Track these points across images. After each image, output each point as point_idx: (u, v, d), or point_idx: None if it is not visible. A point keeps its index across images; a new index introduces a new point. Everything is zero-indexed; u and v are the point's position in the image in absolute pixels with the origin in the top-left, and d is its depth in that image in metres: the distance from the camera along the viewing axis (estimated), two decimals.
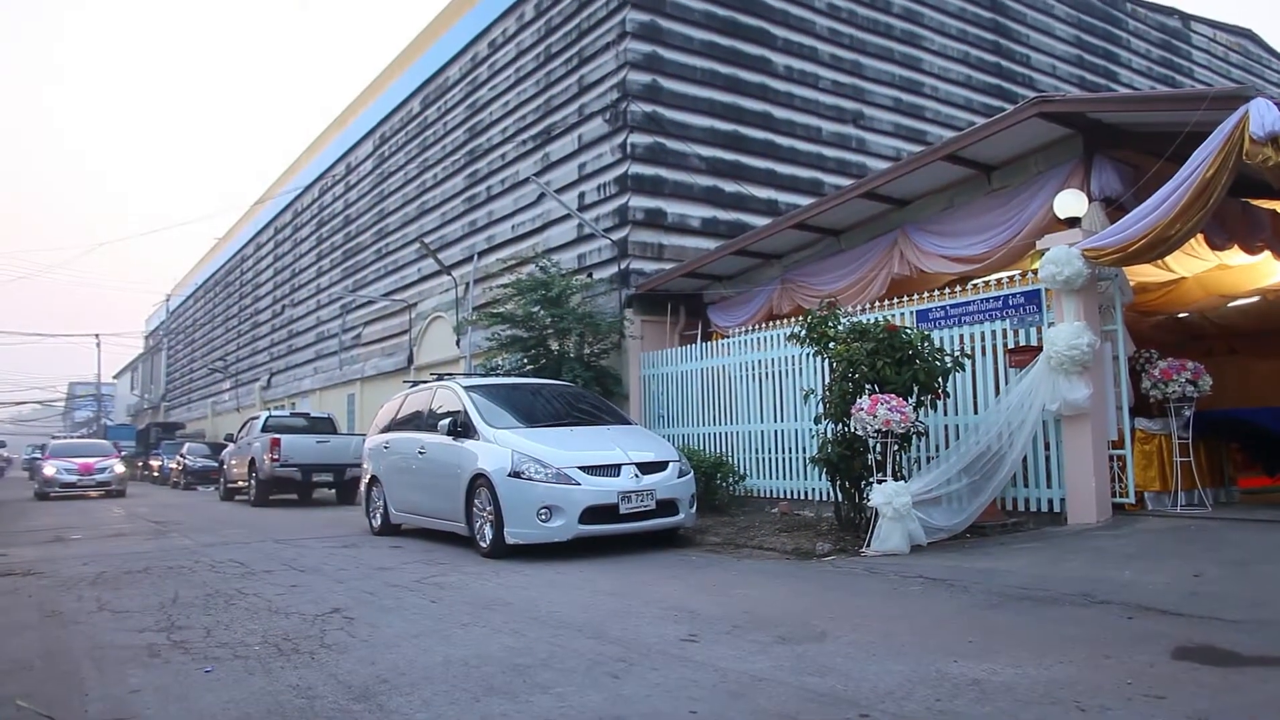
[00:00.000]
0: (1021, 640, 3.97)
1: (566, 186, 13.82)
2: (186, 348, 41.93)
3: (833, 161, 14.72)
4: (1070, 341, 7.00)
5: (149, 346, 50.17)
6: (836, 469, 7.44)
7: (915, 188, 9.32)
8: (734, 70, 13.77)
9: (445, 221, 17.74)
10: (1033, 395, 7.22)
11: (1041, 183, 8.18)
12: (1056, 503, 7.44)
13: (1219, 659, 3.57)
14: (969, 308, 8.28)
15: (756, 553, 7.19)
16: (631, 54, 12.82)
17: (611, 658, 3.90)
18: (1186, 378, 7.55)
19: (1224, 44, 22.38)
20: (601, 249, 13.02)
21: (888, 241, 9.58)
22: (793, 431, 9.70)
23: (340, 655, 4.07)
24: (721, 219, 13.31)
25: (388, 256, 20.41)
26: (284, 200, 28.31)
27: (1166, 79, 20.38)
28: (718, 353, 10.93)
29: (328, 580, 6.38)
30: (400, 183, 20.04)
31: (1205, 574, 5.13)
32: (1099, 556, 5.93)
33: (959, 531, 7.08)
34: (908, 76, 15.97)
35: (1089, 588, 4.94)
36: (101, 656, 4.20)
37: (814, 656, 3.83)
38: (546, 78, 14.73)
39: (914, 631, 4.24)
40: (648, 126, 12.83)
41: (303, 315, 26.00)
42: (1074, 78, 18.49)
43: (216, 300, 36.99)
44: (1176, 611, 4.35)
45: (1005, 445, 7.25)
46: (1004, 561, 6.02)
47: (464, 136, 17.32)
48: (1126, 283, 7.86)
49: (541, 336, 11.95)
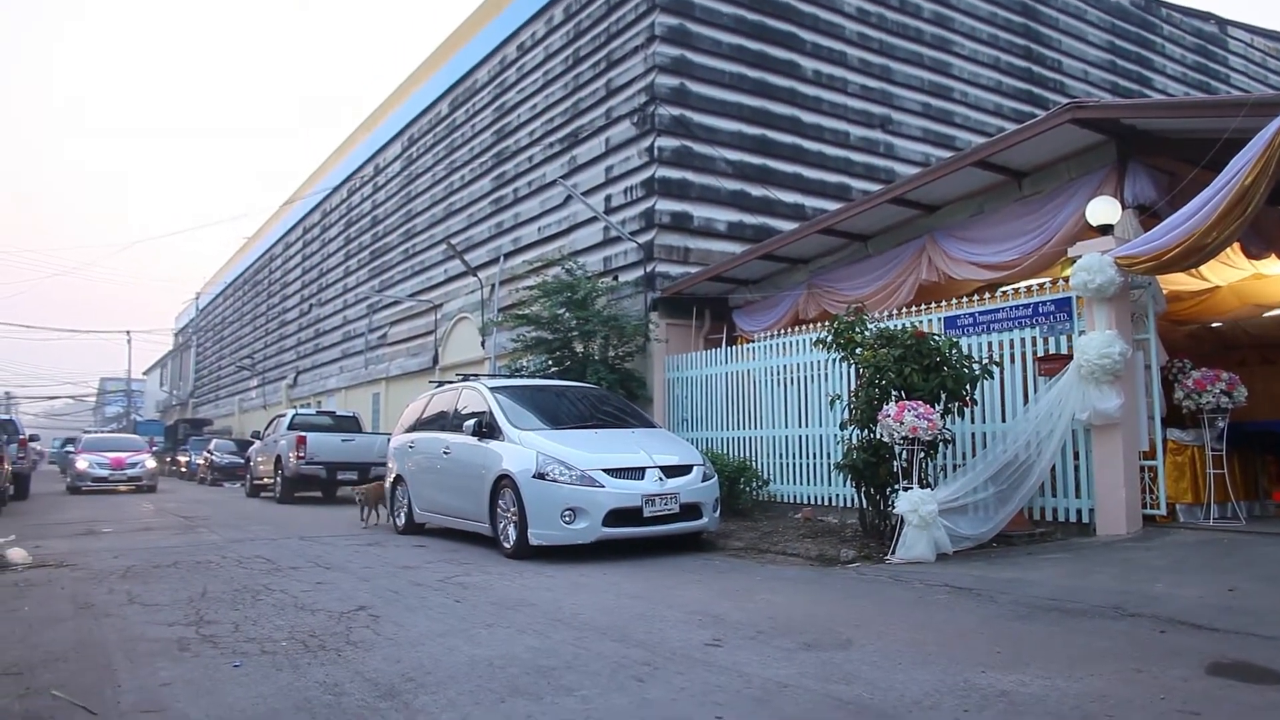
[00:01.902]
0: (1051, 652, 3.92)
1: (593, 189, 13.86)
2: (215, 345, 42.47)
3: (860, 166, 14.65)
4: (1101, 350, 6.91)
5: (178, 343, 50.90)
6: (862, 475, 7.39)
7: (944, 193, 9.25)
8: (762, 74, 13.74)
9: (472, 223, 17.85)
10: (1062, 404, 7.13)
11: (1073, 189, 8.09)
12: (1085, 513, 7.35)
13: (1256, 676, 3.51)
14: (998, 315, 8.19)
15: (780, 558, 7.15)
16: (660, 57, 12.84)
17: (636, 661, 3.90)
18: (1221, 388, 7.42)
19: (1261, 49, 22.02)
20: (627, 252, 13.04)
21: (916, 247, 9.51)
22: (817, 437, 9.65)
23: (366, 653, 4.10)
24: (748, 223, 13.28)
25: (415, 257, 20.56)
26: (313, 200, 28.62)
27: (1202, 85, 20.08)
28: (743, 357, 10.90)
29: (353, 578, 6.43)
30: (428, 184, 20.19)
31: (1240, 588, 5.04)
32: (1129, 568, 5.85)
33: (985, 541, 7.01)
34: (937, 81, 15.86)
35: (1119, 600, 4.87)
36: (133, 649, 4.26)
37: (839, 664, 3.80)
38: (574, 81, 14.78)
39: (940, 641, 4.20)
40: (675, 130, 12.84)
41: (330, 314, 26.25)
42: (1106, 84, 18.27)
43: (245, 299, 37.44)
44: (1210, 626, 4.27)
45: (1034, 454, 7.16)
46: (1032, 572, 5.95)
47: (492, 139, 17.42)
48: (1160, 291, 7.75)
49: (566, 339, 11.98)
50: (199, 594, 5.74)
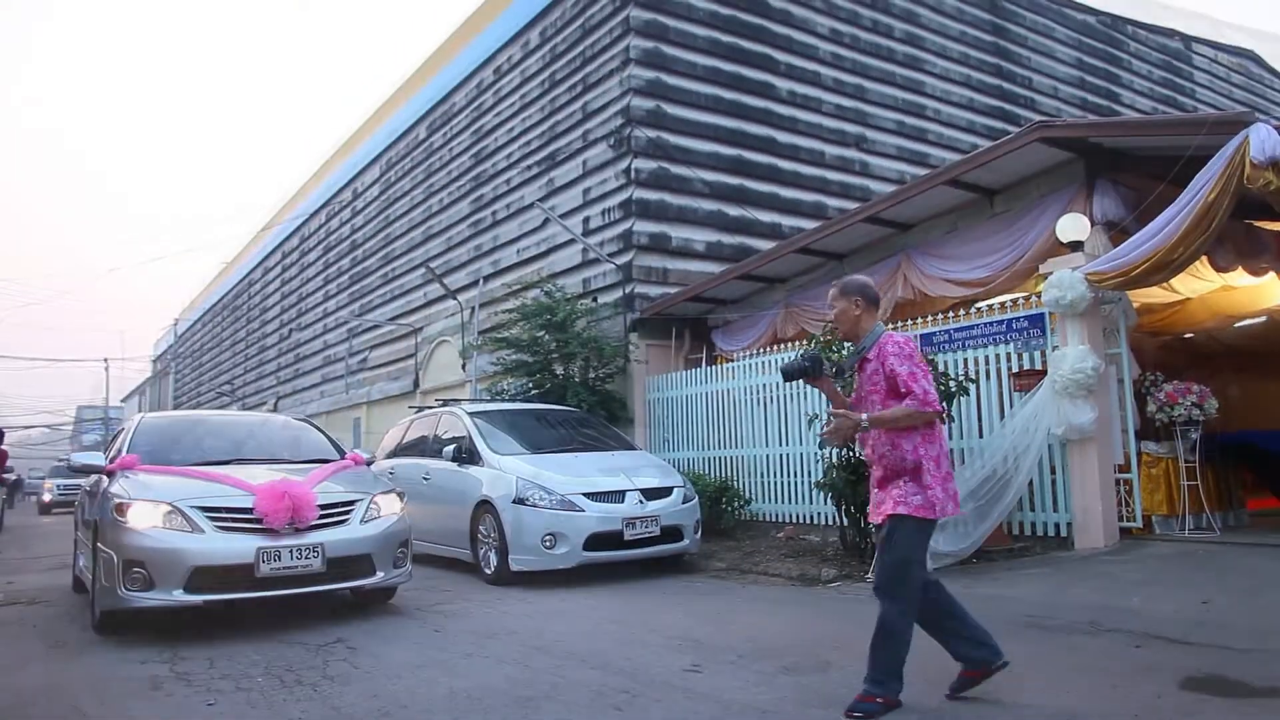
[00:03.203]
0: (1028, 669, 3.94)
1: (571, 211, 13.90)
2: (194, 371, 42.09)
3: (836, 185, 14.79)
4: (1075, 365, 7.00)
5: (156, 370, 50.41)
6: (842, 494, 7.42)
7: (918, 212, 9.35)
8: (738, 96, 13.87)
9: (451, 246, 17.84)
10: (1038, 419, 7.20)
11: (1044, 206, 8.20)
12: (1063, 527, 7.40)
13: (1228, 690, 3.54)
14: (973, 331, 8.27)
15: (761, 579, 7.15)
16: (635, 80, 12.94)
17: (615, 689, 3.88)
18: (1193, 400, 7.52)
19: (1225, 65, 22.46)
20: (606, 273, 13.07)
21: (891, 265, 9.60)
22: (798, 455, 9.68)
23: (343, 687, 4.06)
24: (726, 243, 13.36)
25: (394, 281, 20.51)
26: (291, 225, 28.53)
27: (1169, 100, 20.45)
28: (722, 376, 10.94)
29: (327, 607, 6.36)
30: (406, 208, 20.18)
31: (1214, 602, 5.09)
32: (1106, 583, 5.89)
33: (965, 557, 7.03)
34: (910, 100, 16.06)
35: (1096, 615, 4.91)
36: (103, 690, 4.20)
37: (818, 687, 3.80)
38: (551, 104, 14.86)
39: (916, 658, 4.19)
40: (652, 152, 12.92)
41: (309, 339, 26.11)
42: (1076, 99, 18.56)
43: (224, 324, 37.18)
44: (1185, 640, 4.31)
45: (1011, 469, 7.22)
46: (1010, 588, 5.98)
47: (469, 162, 17.45)
48: (1130, 306, 7.86)
49: (547, 361, 11.97)
50: (173, 629, 5.66)
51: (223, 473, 5.75)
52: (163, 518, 5.19)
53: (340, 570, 5.52)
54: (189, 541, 5.17)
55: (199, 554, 5.14)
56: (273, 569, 5.24)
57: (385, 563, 5.75)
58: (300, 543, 5.35)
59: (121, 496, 5.31)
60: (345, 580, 5.60)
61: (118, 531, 5.16)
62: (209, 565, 5.16)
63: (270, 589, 5.29)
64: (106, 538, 5.25)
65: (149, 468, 5.76)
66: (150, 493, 5.35)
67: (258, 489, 5.35)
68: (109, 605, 5.25)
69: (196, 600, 5.15)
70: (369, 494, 5.93)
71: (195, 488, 5.49)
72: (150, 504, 5.23)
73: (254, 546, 5.21)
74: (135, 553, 5.07)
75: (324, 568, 5.40)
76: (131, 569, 5.06)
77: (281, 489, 5.35)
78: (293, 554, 5.28)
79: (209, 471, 5.78)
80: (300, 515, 5.33)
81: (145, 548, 5.09)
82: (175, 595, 5.08)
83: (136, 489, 5.40)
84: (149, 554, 5.06)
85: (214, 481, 5.60)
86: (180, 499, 5.28)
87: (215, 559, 5.18)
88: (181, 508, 5.23)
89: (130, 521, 5.16)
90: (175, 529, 5.18)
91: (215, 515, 5.26)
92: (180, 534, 5.18)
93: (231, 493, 5.43)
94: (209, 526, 5.22)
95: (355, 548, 5.62)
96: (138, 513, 5.19)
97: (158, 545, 5.10)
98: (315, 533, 5.43)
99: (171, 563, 5.08)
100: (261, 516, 5.23)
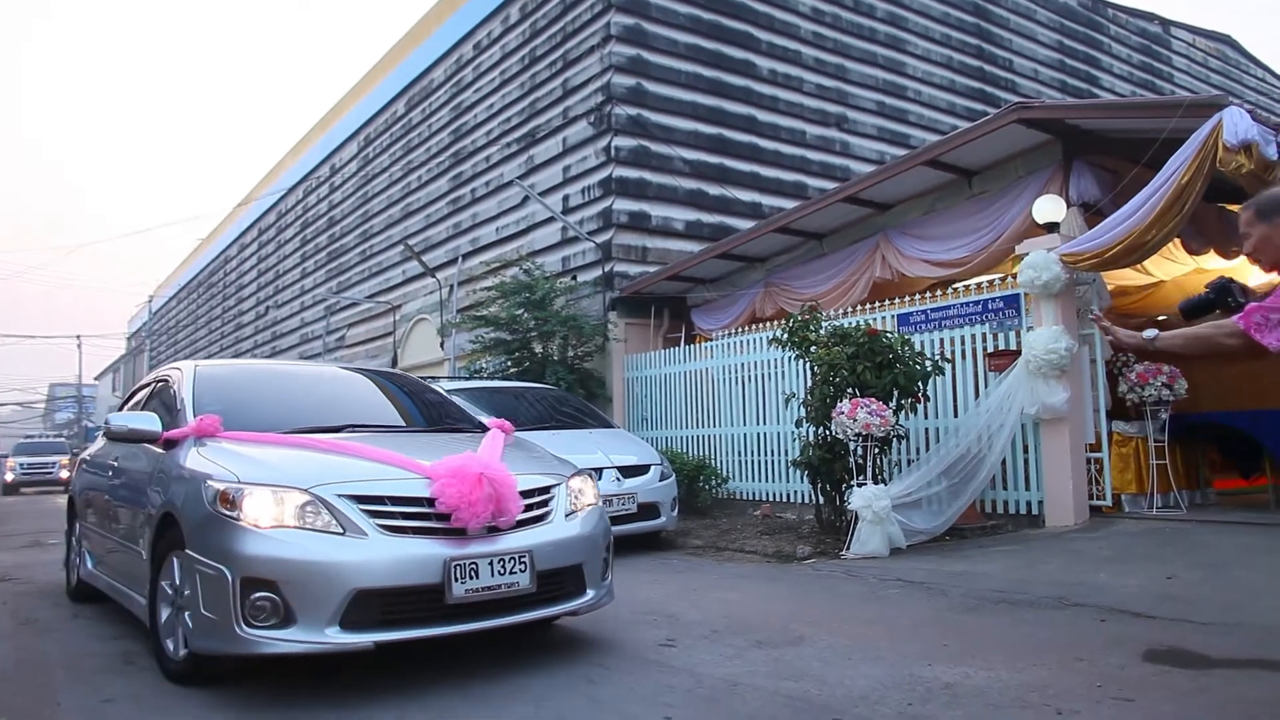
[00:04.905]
0: (996, 643, 4.01)
1: (551, 189, 13.82)
2: (170, 349, 41.63)
3: (817, 165, 14.78)
4: (1048, 345, 7.07)
5: (131, 348, 49.81)
6: (817, 472, 7.48)
7: (897, 192, 9.37)
8: (718, 74, 13.80)
9: (430, 224, 17.70)
10: (1011, 399, 7.28)
11: (1021, 188, 8.25)
12: (1035, 505, 7.50)
13: (1189, 661, 3.62)
14: (949, 312, 8.33)
15: (738, 556, 7.21)
16: (616, 57, 12.83)
17: (589, 663, 3.91)
18: (1163, 381, 7.63)
19: (1203, 49, 22.60)
20: (585, 252, 13.02)
21: (870, 245, 9.63)
22: (775, 434, 9.73)
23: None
24: (706, 222, 13.34)
25: (372, 258, 20.34)
26: (268, 201, 28.17)
27: (1147, 84, 20.57)
28: (701, 356, 10.95)
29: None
30: (385, 184, 19.98)
31: (1178, 577, 5.19)
32: (1075, 559, 5.99)
33: (938, 534, 7.12)
34: (891, 80, 16.05)
35: (1064, 591, 4.99)
36: (76, 665, 4.17)
37: (790, 661, 3.85)
38: (531, 80, 14.73)
39: (890, 635, 4.27)
40: (632, 130, 12.85)
41: (287, 316, 25.88)
42: (1056, 82, 18.63)
43: (200, 301, 36.76)
44: (1149, 614, 4.40)
45: (984, 448, 7.30)
46: (982, 564, 6.07)
47: (449, 139, 17.29)
48: (1104, 287, 7.94)
49: (525, 339, 11.95)
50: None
51: (358, 444, 4.01)
52: (298, 513, 3.45)
53: (549, 589, 3.84)
54: (347, 550, 3.40)
55: (363, 569, 3.37)
56: (468, 590, 3.50)
57: (594, 575, 4.08)
58: (498, 550, 3.62)
59: (224, 478, 3.58)
60: (554, 602, 3.89)
61: (227, 533, 3.42)
62: (378, 588, 3.39)
63: (463, 620, 3.55)
64: (202, 542, 3.51)
65: (240, 435, 4.05)
66: (270, 473, 3.61)
67: (434, 470, 3.65)
68: (213, 647, 3.46)
69: (362, 642, 3.36)
70: (562, 477, 4.24)
71: (335, 467, 3.74)
72: (275, 491, 3.50)
73: (442, 556, 3.49)
74: (262, 567, 3.32)
75: (533, 585, 3.69)
76: (255, 593, 3.31)
77: (475, 468, 3.63)
78: (493, 567, 3.56)
79: (339, 443, 4.02)
80: (503, 509, 3.65)
81: (279, 559, 3.34)
82: (329, 635, 3.32)
83: (243, 467, 3.66)
84: (286, 570, 3.32)
85: (358, 458, 3.85)
86: (320, 484, 3.53)
87: (388, 577, 3.41)
88: (325, 497, 3.48)
89: (248, 517, 3.43)
90: (319, 529, 3.43)
91: (376, 509, 3.53)
92: (330, 538, 3.43)
93: (393, 474, 3.71)
94: (370, 527, 3.47)
95: (565, 555, 3.91)
96: (259, 504, 3.46)
97: (300, 557, 3.35)
98: (513, 535, 3.73)
99: (323, 583, 3.33)
100: (450, 511, 3.53)
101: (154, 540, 3.97)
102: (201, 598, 3.45)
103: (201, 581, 3.46)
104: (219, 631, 3.38)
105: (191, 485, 3.72)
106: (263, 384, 5.15)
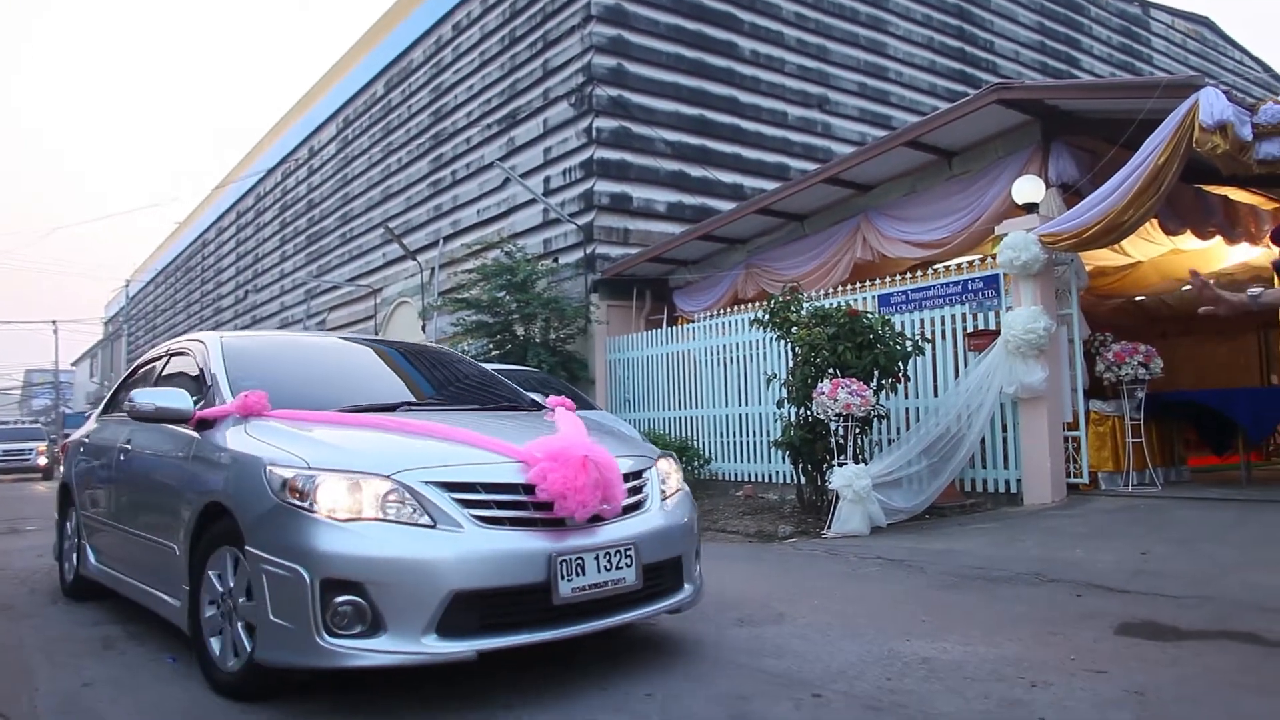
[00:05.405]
0: (973, 619, 4.06)
1: (532, 171, 13.74)
2: (148, 334, 41.18)
3: (799, 146, 14.77)
4: (1027, 325, 7.13)
5: (108, 333, 49.26)
6: (799, 452, 7.52)
7: (878, 173, 9.39)
8: (700, 55, 13.74)
9: (410, 206, 17.57)
10: (991, 378, 7.35)
11: (1001, 168, 8.29)
12: (1013, 483, 7.59)
13: (1160, 634, 3.68)
14: (929, 292, 8.38)
15: (720, 536, 7.25)
16: (597, 38, 12.74)
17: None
18: (1139, 360, 7.72)
19: (1182, 31, 22.71)
20: (567, 234, 12.98)
21: (851, 226, 9.65)
22: (757, 415, 9.78)
23: None
24: (687, 203, 13.32)
25: (352, 241, 20.17)
26: (246, 184, 27.86)
27: (1126, 65, 20.66)
28: (683, 337, 10.97)
29: None
30: (364, 166, 19.79)
31: (1152, 552, 5.27)
32: (1052, 536, 6.07)
33: (918, 513, 7.20)
34: (873, 62, 16.04)
35: (1041, 567, 5.06)
36: (54, 650, 4.14)
37: (771, 638, 3.88)
38: (511, 61, 14.60)
39: (869, 612, 4.32)
40: (613, 111, 12.78)
41: (266, 300, 25.65)
42: (1036, 64, 18.67)
43: (178, 285, 36.36)
44: (1123, 589, 4.47)
45: (964, 427, 7.37)
46: (960, 542, 6.13)
47: (429, 120, 17.13)
48: (1082, 267, 8.00)
49: (507, 321, 11.92)
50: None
51: (432, 423, 3.52)
52: (382, 503, 3.00)
53: (651, 584, 3.40)
54: (441, 546, 2.95)
55: (461, 568, 2.94)
56: (575, 589, 3.09)
57: (690, 568, 3.67)
58: (601, 542, 3.20)
59: (289, 463, 3.10)
60: (655, 599, 3.47)
61: (300, 527, 2.95)
62: (479, 589, 2.97)
63: (570, 622, 3.15)
64: (268, 537, 3.04)
65: (292, 414, 3.56)
66: (343, 457, 3.14)
67: (528, 453, 3.19)
68: (287, 659, 2.98)
69: (464, 651, 2.92)
70: (650, 459, 3.80)
71: (414, 450, 3.26)
72: (354, 478, 3.03)
73: (546, 551, 3.06)
74: (346, 566, 2.88)
75: (638, 581, 3.28)
76: (338, 597, 2.87)
77: (579, 451, 3.20)
78: (599, 562, 3.16)
79: (410, 422, 3.57)
80: (610, 496, 3.24)
81: (364, 558, 2.90)
82: (426, 644, 2.88)
83: (309, 450, 3.18)
84: (374, 569, 2.89)
85: (437, 439, 3.37)
86: (403, 470, 3.07)
87: (489, 576, 2.98)
88: (412, 485, 3.03)
89: (323, 508, 2.96)
90: (407, 522, 2.98)
91: (469, 498, 3.07)
92: (421, 531, 2.97)
93: (482, 458, 3.23)
94: (465, 518, 3.02)
95: (666, 546, 3.49)
96: (335, 493, 3.00)
97: (389, 554, 2.91)
98: (611, 526, 3.28)
99: (416, 584, 2.90)
100: (552, 499, 3.10)
101: (193, 534, 3.50)
102: (270, 602, 2.98)
103: (269, 583, 2.99)
104: (295, 641, 2.91)
105: (246, 471, 3.24)
106: (296, 357, 4.64)
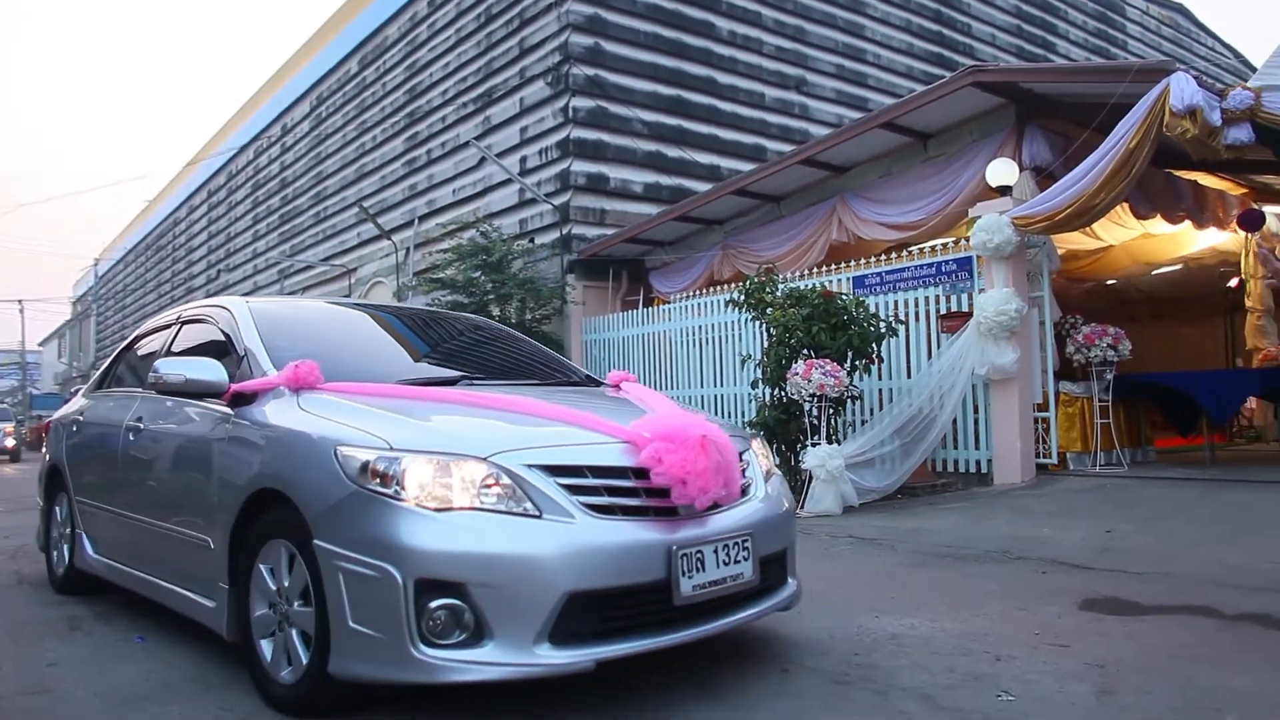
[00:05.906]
0: (942, 596, 4.12)
1: (508, 150, 13.63)
2: (117, 314, 40.57)
3: (776, 127, 14.75)
4: (999, 307, 7.19)
5: (77, 312, 48.45)
6: (773, 433, 7.56)
7: (854, 155, 9.40)
8: (677, 34, 13.66)
9: (385, 185, 17.38)
10: (963, 359, 7.42)
11: (975, 151, 8.32)
12: (984, 464, 7.68)
13: (1122, 609, 3.75)
14: (904, 274, 8.42)
15: None
16: (573, 15, 12.62)
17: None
18: (1108, 343, 7.81)
19: (1156, 18, 22.87)
20: (543, 214, 12.90)
21: (827, 208, 9.67)
22: (732, 396, 9.81)
23: None
24: (664, 184, 13.28)
25: (326, 220, 19.94)
26: (218, 162, 27.41)
27: (1101, 51, 20.79)
28: (659, 318, 10.96)
29: None
30: (338, 145, 19.54)
31: (1117, 530, 5.37)
32: (1021, 515, 6.16)
33: (890, 492, 7.27)
34: (850, 43, 16.02)
35: (1009, 545, 5.13)
36: (19, 631, 4.09)
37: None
38: (487, 39, 14.44)
39: (840, 590, 4.36)
40: (590, 90, 12.68)
41: (239, 280, 25.32)
42: (1013, 48, 18.75)
43: (148, 264, 35.81)
44: (1088, 566, 4.55)
45: (936, 408, 7.45)
46: (931, 521, 6.21)
47: (404, 98, 16.92)
48: (1054, 250, 8.08)
49: (483, 302, 11.85)
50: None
51: (518, 398, 3.08)
52: (479, 490, 2.53)
53: (764, 580, 2.99)
54: (552, 539, 2.51)
55: (576, 565, 2.50)
56: (696, 587, 2.67)
57: (793, 561, 3.31)
58: (716, 533, 2.78)
59: (365, 443, 2.63)
60: (766, 595, 3.06)
61: (385, 518, 2.49)
62: (596, 589, 2.53)
63: (691, 624, 2.72)
64: (343, 530, 2.56)
65: (350, 387, 3.07)
66: (430, 437, 2.70)
67: (635, 433, 2.77)
68: (375, 674, 2.51)
69: (581, 661, 2.48)
70: (746, 440, 3.40)
71: (506, 429, 2.80)
72: (445, 460, 2.56)
73: (665, 544, 2.62)
74: (444, 565, 2.43)
75: (755, 576, 2.88)
76: (434, 600, 2.43)
77: (697, 430, 2.76)
78: (717, 555, 2.74)
79: (492, 396, 3.10)
80: (731, 481, 2.84)
81: (464, 554, 2.45)
82: (540, 654, 2.45)
83: (388, 428, 2.70)
84: (475, 567, 2.44)
85: (528, 417, 2.92)
86: (500, 451, 2.61)
87: (607, 574, 2.55)
88: (512, 469, 2.57)
89: (412, 496, 2.50)
90: (510, 512, 2.53)
91: (576, 483, 2.63)
92: (527, 522, 2.53)
93: (584, 438, 2.80)
94: (575, 507, 2.57)
95: (777, 537, 3.09)
96: (426, 478, 2.53)
97: (492, 550, 2.47)
98: (721, 515, 2.85)
99: (526, 584, 2.46)
100: (670, 484, 2.67)
101: (235, 524, 3.02)
102: (349, 606, 2.51)
103: (347, 584, 2.52)
104: (383, 652, 2.46)
105: (310, 452, 2.75)
106: (333, 326, 4.07)
